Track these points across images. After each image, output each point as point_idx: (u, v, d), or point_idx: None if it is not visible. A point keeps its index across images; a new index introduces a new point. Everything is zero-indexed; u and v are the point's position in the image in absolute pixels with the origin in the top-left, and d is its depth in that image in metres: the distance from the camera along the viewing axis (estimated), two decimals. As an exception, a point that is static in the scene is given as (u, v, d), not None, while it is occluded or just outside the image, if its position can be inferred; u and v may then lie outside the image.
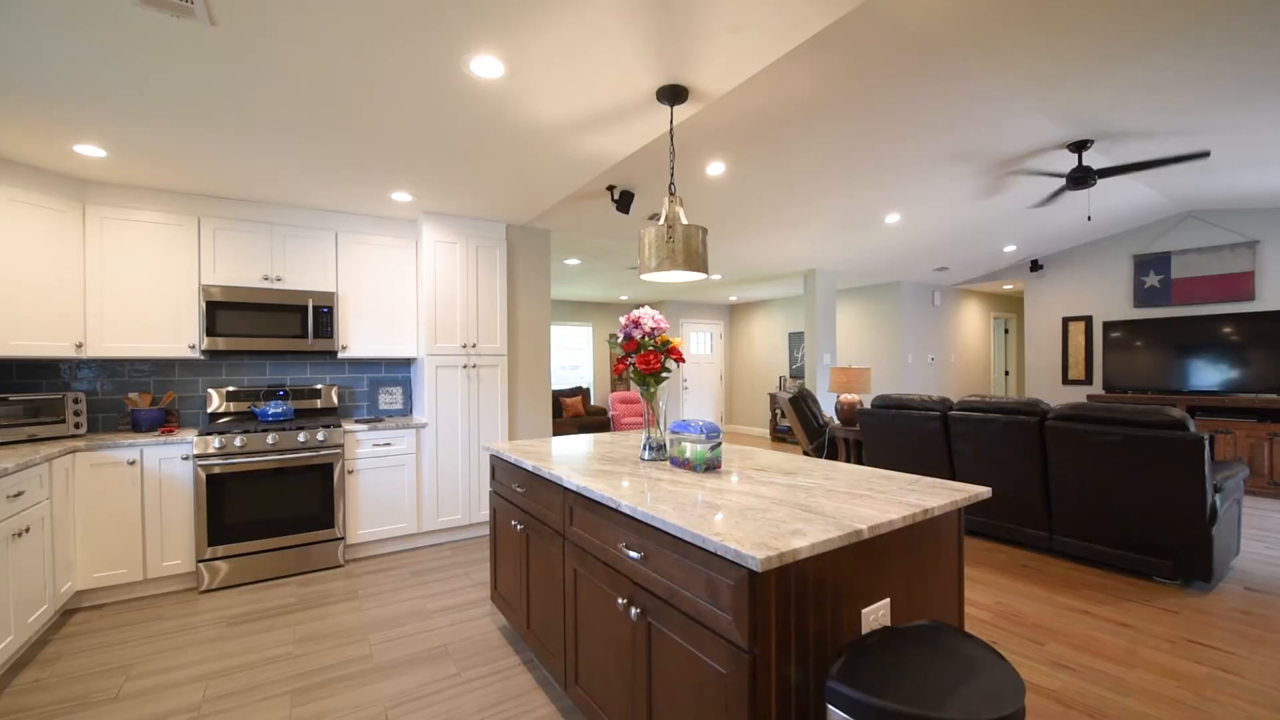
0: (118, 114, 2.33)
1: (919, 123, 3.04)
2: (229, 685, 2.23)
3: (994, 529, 3.75)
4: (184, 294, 3.33)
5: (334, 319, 3.69)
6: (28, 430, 2.85)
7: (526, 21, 1.73)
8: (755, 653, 1.13)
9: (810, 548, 1.16)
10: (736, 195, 3.92)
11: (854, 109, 2.82)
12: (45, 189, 2.93)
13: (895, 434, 4.24)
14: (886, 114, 2.91)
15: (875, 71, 2.50)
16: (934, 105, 2.86)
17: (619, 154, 2.82)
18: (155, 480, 3.03)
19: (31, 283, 2.86)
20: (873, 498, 1.54)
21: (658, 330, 2.04)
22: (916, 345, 7.91)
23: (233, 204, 3.48)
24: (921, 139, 3.24)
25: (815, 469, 1.96)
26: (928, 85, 2.66)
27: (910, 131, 3.13)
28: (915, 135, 3.18)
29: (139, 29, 1.75)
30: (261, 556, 3.25)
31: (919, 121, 3.02)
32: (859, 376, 5.14)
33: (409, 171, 3.05)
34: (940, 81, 2.64)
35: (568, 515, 1.90)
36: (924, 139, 3.24)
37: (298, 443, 3.34)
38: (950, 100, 2.83)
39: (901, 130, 3.11)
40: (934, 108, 2.89)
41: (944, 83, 2.65)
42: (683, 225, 2.05)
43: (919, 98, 2.77)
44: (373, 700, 2.13)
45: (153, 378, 3.53)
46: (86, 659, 2.43)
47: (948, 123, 3.07)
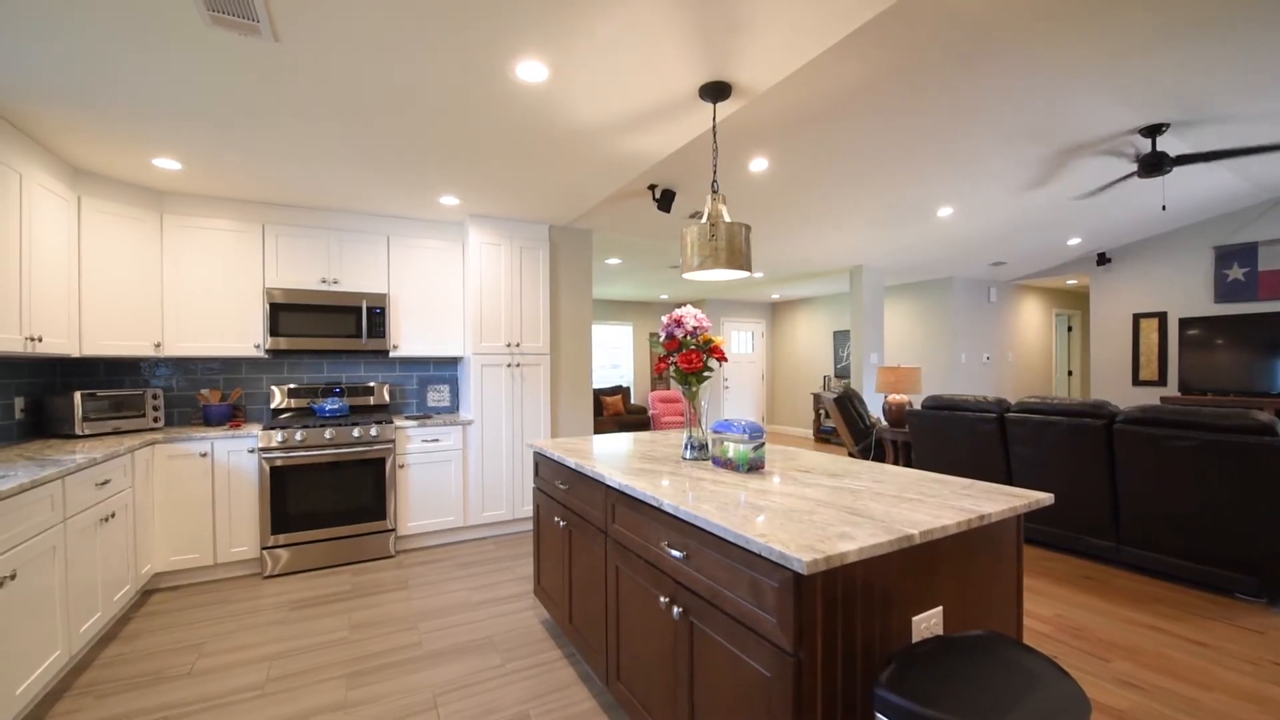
0: (192, 129, 2.48)
1: (974, 111, 2.91)
2: (290, 666, 2.35)
3: (1054, 537, 3.56)
4: (250, 296, 3.54)
5: (386, 319, 3.83)
6: (113, 424, 3.08)
7: (571, 24, 1.75)
8: (800, 656, 1.11)
9: (858, 551, 1.13)
10: (780, 191, 3.86)
11: (904, 99, 2.73)
12: (128, 200, 3.16)
13: (947, 436, 4.08)
14: (939, 103, 2.80)
15: (926, 59, 2.41)
16: (990, 92, 2.73)
17: (660, 153, 2.82)
18: (224, 471, 3.22)
19: (117, 287, 3.10)
20: (924, 502, 1.49)
21: (700, 329, 2.03)
22: (970, 344, 7.59)
23: (293, 211, 3.66)
24: (977, 127, 3.10)
25: (862, 471, 1.91)
26: (983, 71, 2.54)
27: (965, 120, 3.00)
28: (970, 124, 3.05)
29: (211, 49, 1.86)
30: (319, 545, 3.42)
31: (974, 109, 2.89)
32: (908, 376, 4.97)
33: (456, 176, 3.14)
34: (997, 66, 2.52)
35: (610, 513, 1.92)
36: (980, 127, 3.10)
37: (352, 438, 3.49)
38: (1008, 86, 2.69)
39: (955, 119, 2.98)
40: (990, 94, 2.76)
41: (1001, 67, 2.53)
42: (725, 223, 2.03)
43: (974, 84, 2.65)
44: (422, 686, 2.20)
45: (221, 375, 3.76)
46: (163, 636, 2.61)
47: (1006, 109, 2.93)
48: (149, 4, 1.63)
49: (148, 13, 1.67)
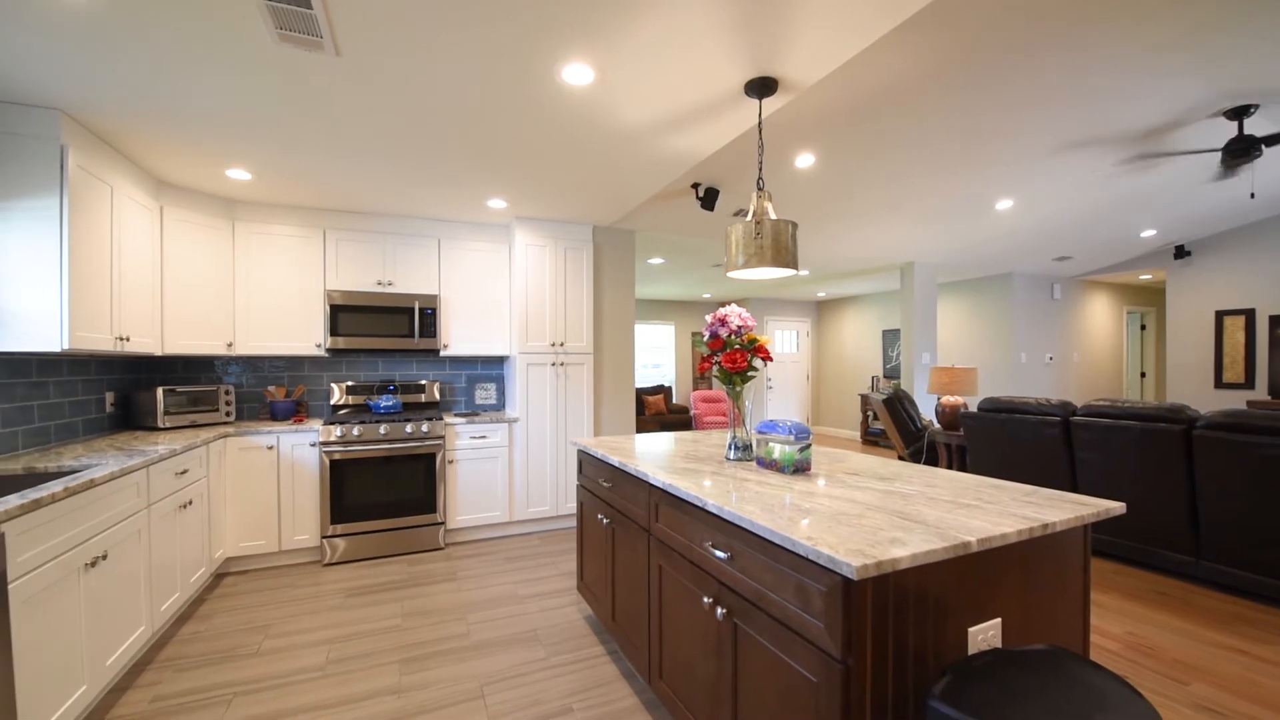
0: (261, 140, 2.64)
1: (1035, 99, 2.76)
2: (348, 650, 2.47)
3: (1125, 550, 3.34)
4: (312, 298, 3.73)
5: (436, 319, 3.97)
6: (190, 417, 3.31)
7: (616, 26, 1.77)
8: (849, 663, 1.09)
9: (911, 558, 1.09)
10: (827, 187, 3.77)
11: (959, 89, 2.61)
12: (204, 209, 3.39)
13: (1006, 440, 3.89)
14: (998, 92, 2.67)
15: (983, 48, 2.30)
16: (1053, 79, 2.59)
17: (705, 151, 2.80)
18: (289, 464, 3.41)
19: (194, 291, 3.33)
20: (981, 508, 1.43)
21: (745, 328, 2.01)
22: (1031, 344, 7.21)
23: (351, 216, 3.84)
24: (1039, 116, 2.94)
25: (914, 475, 1.85)
26: (1044, 58, 2.41)
27: (1027, 108, 2.85)
28: (1031, 113, 2.90)
29: (278, 65, 1.97)
30: (374, 536, 3.57)
31: (1035, 98, 2.75)
32: (963, 377, 4.77)
33: (504, 179, 3.21)
34: (1059, 53, 2.38)
35: (653, 511, 1.92)
36: (1042, 116, 2.94)
37: (405, 433, 3.63)
38: (1072, 73, 2.54)
39: (1016, 108, 2.84)
40: (1053, 82, 2.61)
41: (1064, 54, 2.39)
42: (771, 221, 2.00)
43: (1035, 72, 2.52)
44: (470, 675, 2.27)
45: (286, 373, 3.97)
46: (233, 617, 2.78)
47: (1069, 97, 2.77)
48: (225, 28, 1.74)
49: (224, 36, 1.79)
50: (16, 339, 2.24)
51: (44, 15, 1.69)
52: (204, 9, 1.67)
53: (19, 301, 2.24)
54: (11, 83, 2.08)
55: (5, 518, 1.50)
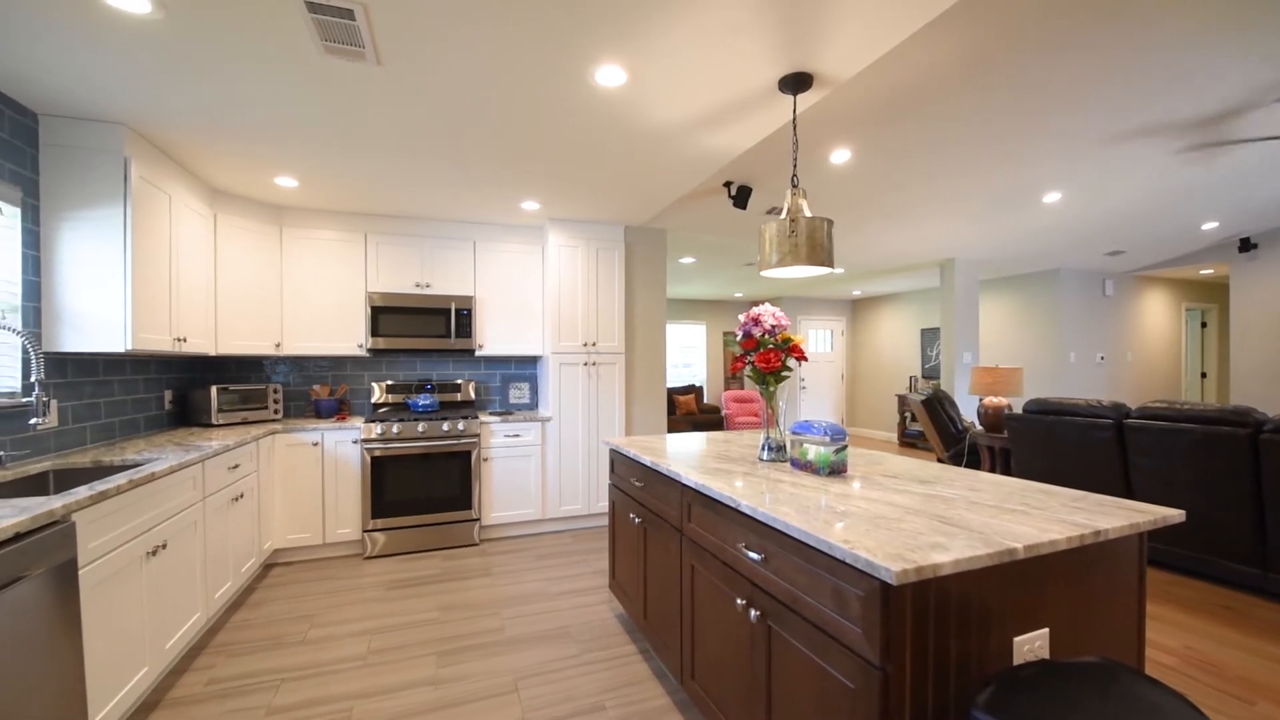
0: (307, 148, 2.74)
1: (1087, 86, 2.64)
2: (387, 641, 2.54)
3: (1184, 560, 3.17)
4: (354, 300, 3.86)
5: (472, 320, 4.05)
6: (241, 414, 3.47)
7: (648, 26, 1.77)
8: (887, 670, 1.06)
9: (953, 564, 1.06)
10: (864, 182, 3.69)
11: (1005, 78, 2.52)
12: (254, 215, 3.54)
13: (1053, 444, 3.74)
14: (1043, 81, 2.56)
15: (1030, 33, 2.22)
16: (1106, 65, 2.47)
17: (737, 149, 2.78)
18: (332, 460, 3.54)
19: (245, 293, 3.48)
20: (1028, 514, 1.38)
21: (778, 327, 1.98)
22: (1080, 342, 6.90)
23: (391, 220, 3.95)
24: (1089, 104, 2.81)
25: (956, 478, 1.79)
26: (1096, 41, 2.30)
27: (1074, 97, 2.73)
28: (1081, 100, 2.77)
29: (324, 76, 2.05)
30: (412, 531, 3.67)
31: (1085, 84, 2.63)
32: (1007, 378, 4.60)
33: (537, 181, 3.25)
34: (1112, 34, 2.27)
35: (685, 511, 1.92)
36: (1093, 104, 2.81)
37: (442, 431, 3.71)
38: (1127, 55, 2.42)
39: (1063, 97, 2.72)
40: (1106, 68, 2.49)
41: (1117, 38, 2.28)
42: (806, 218, 1.97)
43: (1087, 58, 2.41)
44: (504, 669, 2.31)
45: (330, 372, 4.12)
46: (281, 606, 2.90)
47: (1124, 82, 2.64)
48: (275, 42, 1.82)
49: (274, 50, 1.87)
50: (85, 340, 2.38)
51: (112, 36, 1.80)
52: (256, 25, 1.74)
53: (87, 305, 2.38)
54: (81, 101, 2.22)
55: (76, 508, 1.60)
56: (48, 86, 2.12)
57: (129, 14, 1.68)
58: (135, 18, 1.70)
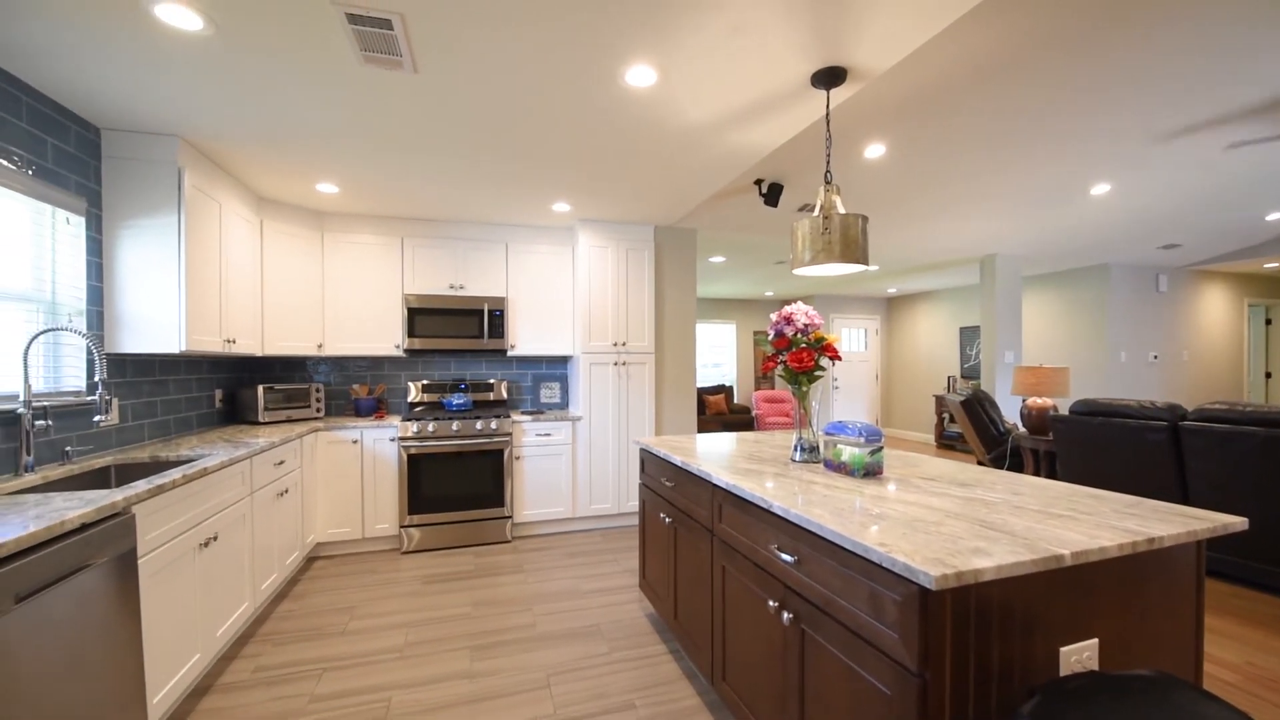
0: (347, 156, 2.83)
1: (1138, 73, 2.52)
2: (423, 634, 2.61)
3: (1247, 571, 2.99)
4: (391, 302, 3.96)
5: (504, 321, 4.11)
6: (286, 413, 3.60)
7: (679, 24, 1.77)
8: (926, 677, 1.04)
9: (995, 570, 1.03)
10: (899, 177, 3.60)
11: (1050, 67, 2.43)
12: (297, 221, 3.67)
13: (1102, 447, 3.58)
14: (1091, 68, 2.45)
15: (1077, 20, 2.13)
16: (1160, 49, 2.35)
17: (768, 146, 2.75)
18: (371, 457, 3.64)
19: (289, 296, 3.62)
20: (1076, 519, 1.32)
21: (811, 326, 1.96)
22: (1132, 341, 6.59)
23: (427, 224, 4.05)
24: (1143, 89, 2.68)
25: (998, 481, 1.74)
26: (1147, 26, 2.19)
27: (1125, 84, 2.61)
28: (1134, 85, 2.65)
29: (363, 85, 2.11)
30: (446, 527, 3.75)
31: (1140, 68, 2.51)
32: (1052, 378, 4.43)
33: (568, 183, 3.28)
34: (1169, 15, 2.16)
35: (716, 512, 1.91)
36: (1146, 88, 2.68)
37: (475, 430, 3.79)
38: (1181, 40, 2.30)
39: (1112, 84, 2.60)
40: (1160, 52, 2.37)
41: (1173, 17, 2.17)
42: (840, 215, 1.94)
43: (1136, 44, 2.29)
44: (536, 665, 2.34)
45: (369, 372, 4.24)
46: (322, 598, 3.00)
47: (1179, 68, 2.50)
48: (318, 54, 1.88)
49: (317, 61, 1.93)
50: (143, 342, 2.51)
51: (167, 53, 1.89)
52: (299, 37, 1.81)
53: (145, 308, 2.51)
54: (139, 114, 2.34)
55: (136, 500, 1.69)
56: (109, 102, 2.24)
57: (183, 31, 1.77)
58: (188, 34, 1.79)
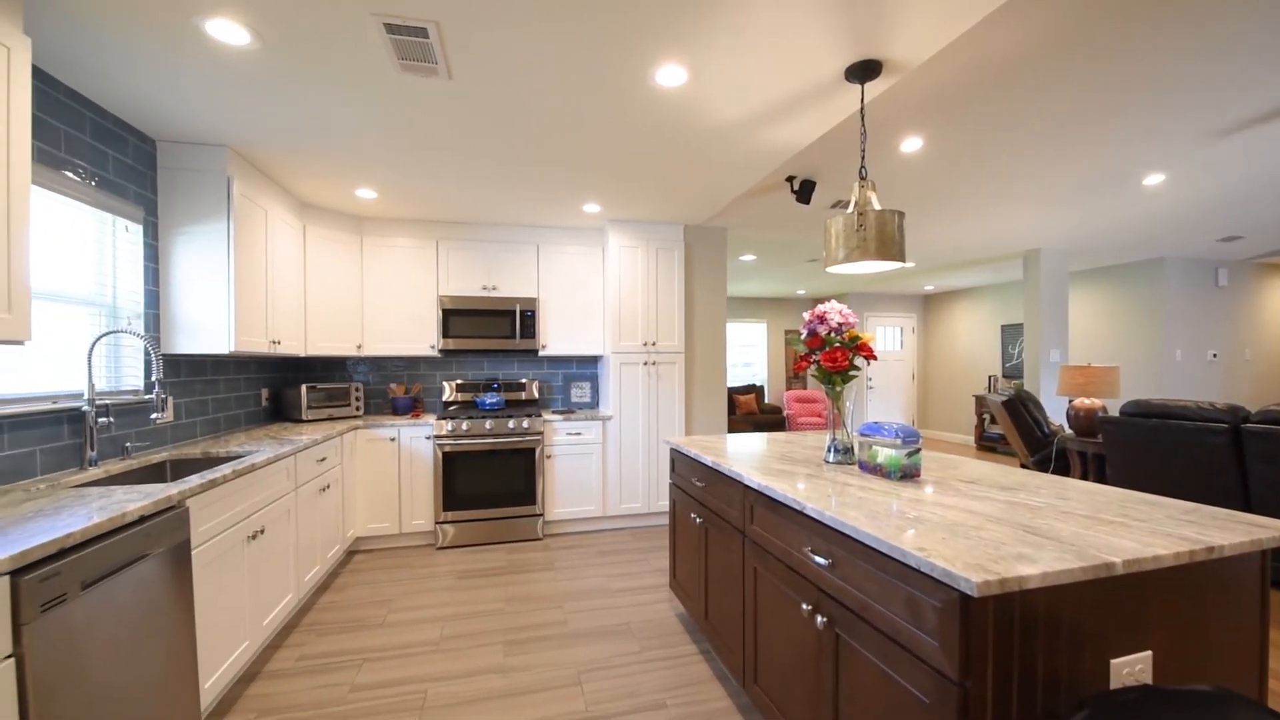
0: (385, 162, 2.91)
1: (1198, 54, 2.39)
2: (458, 628, 2.66)
3: (1320, 583, 2.80)
4: (426, 303, 4.06)
5: (535, 321, 4.17)
6: (327, 411, 3.73)
7: (710, 23, 1.76)
8: (967, 686, 1.01)
9: (1041, 577, 0.99)
10: (937, 172, 3.50)
11: (1099, 53, 2.32)
12: (338, 226, 3.80)
13: (1156, 450, 3.41)
14: (1143, 54, 2.34)
15: (1133, 6, 2.03)
16: (1221, 29, 2.22)
17: (801, 143, 2.71)
18: (408, 454, 3.74)
19: (330, 299, 3.74)
20: (1128, 525, 1.26)
21: (845, 325, 1.92)
22: (1189, 338, 6.25)
23: (461, 226, 4.13)
24: (1201, 70, 2.54)
25: (1043, 485, 1.67)
26: (1209, 3, 2.08)
27: (1180, 71, 2.48)
28: (1192, 71, 2.51)
29: (399, 92, 2.17)
30: (480, 524, 3.82)
31: (1198, 53, 2.38)
32: (1101, 377, 4.24)
33: (598, 184, 3.30)
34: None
35: (748, 513, 1.89)
36: (1205, 69, 2.54)
37: (508, 429, 3.85)
38: (1247, 17, 2.17)
39: (1166, 71, 2.47)
40: (1221, 32, 2.24)
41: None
42: (875, 211, 1.90)
43: (1193, 26, 2.18)
44: (568, 662, 2.36)
45: (405, 371, 4.36)
46: (362, 591, 3.10)
47: (1244, 47, 2.36)
48: (357, 64, 1.94)
49: (356, 71, 1.99)
50: (195, 343, 2.64)
51: (217, 67, 1.98)
52: (340, 49, 1.87)
53: (197, 311, 2.64)
54: (191, 126, 2.46)
55: (190, 494, 1.78)
56: (164, 115, 2.36)
57: (231, 46, 1.85)
58: (236, 49, 1.87)
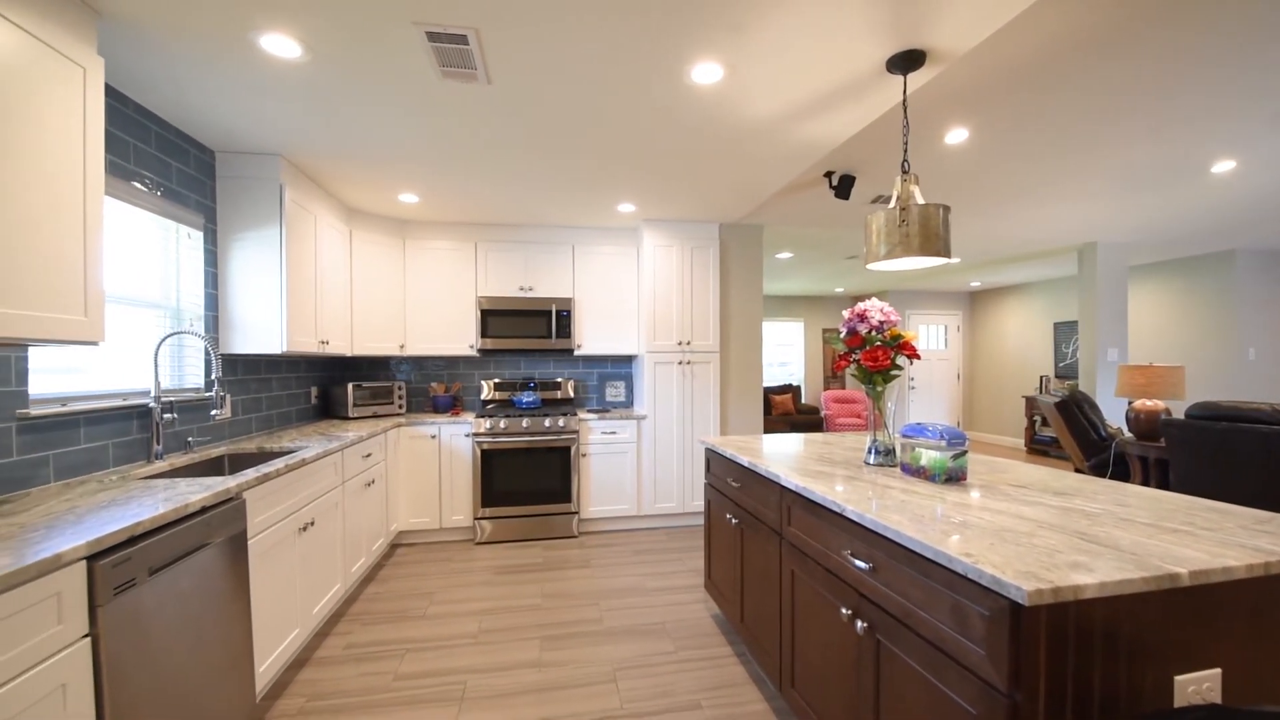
0: (426, 166, 2.99)
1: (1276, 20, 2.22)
2: (496, 622, 2.71)
3: None
4: (465, 304, 4.15)
5: (571, 321, 4.21)
6: (372, 409, 3.86)
7: (747, 19, 1.74)
8: (1017, 698, 0.97)
9: (1098, 587, 0.95)
10: (984, 163, 3.37)
11: (1161, 31, 2.19)
12: (382, 230, 3.92)
13: (1225, 454, 3.20)
14: (1210, 33, 2.19)
15: (1197, -22, 1.90)
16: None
17: (840, 137, 2.65)
18: (448, 451, 3.83)
19: (374, 300, 3.87)
20: (1194, 535, 1.19)
21: (887, 323, 1.87)
22: (1263, 336, 5.84)
23: (498, 229, 4.21)
24: (1273, 54, 2.36)
25: (1100, 491, 1.59)
26: (1292, -21, 1.93)
27: (1255, 38, 2.31)
28: (1266, 41, 2.34)
29: (440, 98, 2.23)
30: (517, 521, 3.88)
31: (1276, 19, 2.21)
32: (1164, 377, 4.00)
33: (633, 183, 3.31)
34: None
35: (785, 514, 1.87)
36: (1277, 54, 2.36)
37: (544, 427, 3.90)
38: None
39: (1237, 49, 2.31)
40: (1303, 8, 2.08)
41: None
42: (919, 205, 1.84)
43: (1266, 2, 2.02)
44: (603, 659, 2.38)
45: (445, 371, 4.47)
46: (405, 583, 3.19)
47: (1329, 24, 2.18)
48: (401, 72, 2.00)
49: (400, 80, 2.06)
50: (250, 343, 2.77)
51: (271, 79, 2.07)
52: (384, 59, 1.93)
53: (251, 313, 2.77)
54: (247, 137, 2.58)
55: (247, 487, 1.87)
56: (221, 126, 2.48)
57: (284, 59, 1.93)
58: (288, 61, 1.95)
